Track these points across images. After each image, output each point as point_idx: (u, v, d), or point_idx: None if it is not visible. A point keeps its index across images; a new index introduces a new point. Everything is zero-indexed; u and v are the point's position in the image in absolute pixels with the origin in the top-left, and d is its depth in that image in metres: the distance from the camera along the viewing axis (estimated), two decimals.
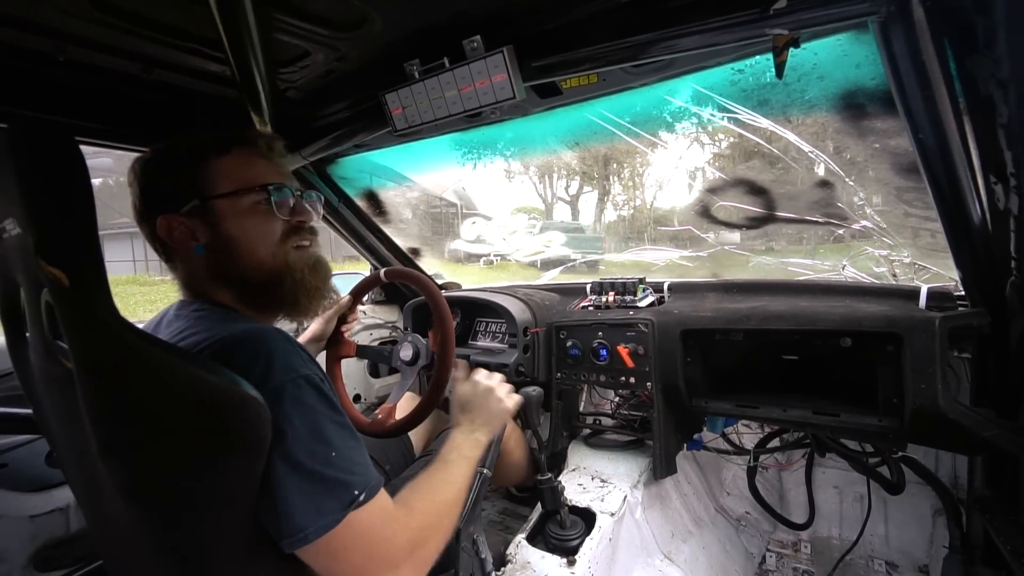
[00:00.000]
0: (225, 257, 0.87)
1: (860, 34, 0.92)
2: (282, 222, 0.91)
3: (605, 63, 0.98)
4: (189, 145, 0.88)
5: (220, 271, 0.88)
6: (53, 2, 0.88)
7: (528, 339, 1.79)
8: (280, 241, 0.90)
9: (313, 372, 0.74)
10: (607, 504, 1.44)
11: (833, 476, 1.91)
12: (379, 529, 0.73)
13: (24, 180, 0.58)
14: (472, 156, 1.97)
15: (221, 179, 0.87)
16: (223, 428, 0.62)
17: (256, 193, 0.88)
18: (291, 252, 0.92)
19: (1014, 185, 0.87)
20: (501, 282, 2.31)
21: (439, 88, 1.00)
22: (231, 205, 0.87)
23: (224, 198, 0.86)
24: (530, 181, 13.98)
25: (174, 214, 0.85)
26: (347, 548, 0.70)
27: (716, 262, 2.92)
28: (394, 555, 0.74)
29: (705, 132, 6.29)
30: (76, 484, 0.88)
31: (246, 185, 0.87)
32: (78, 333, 0.59)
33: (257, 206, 0.88)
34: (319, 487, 0.68)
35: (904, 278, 1.71)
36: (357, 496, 0.70)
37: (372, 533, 0.72)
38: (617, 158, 11.07)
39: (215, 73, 1.18)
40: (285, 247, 0.91)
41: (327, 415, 0.73)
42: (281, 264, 0.90)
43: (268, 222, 0.89)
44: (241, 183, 0.87)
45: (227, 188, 0.86)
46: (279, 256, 0.90)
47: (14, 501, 1.43)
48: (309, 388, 0.72)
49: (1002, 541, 1.08)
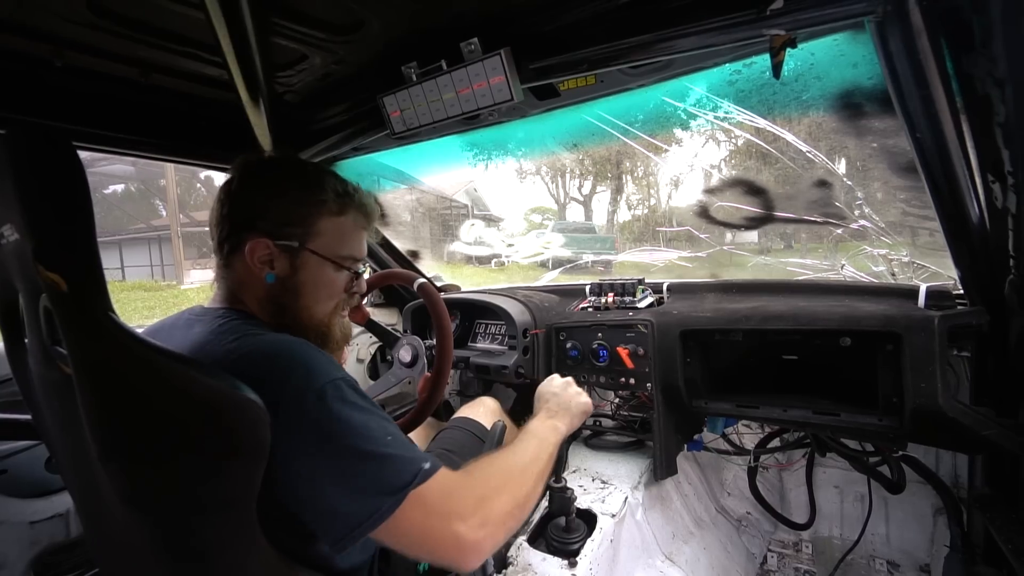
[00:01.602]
0: (288, 296, 0.91)
1: (857, 34, 0.93)
2: (344, 290, 0.97)
3: (602, 64, 0.98)
4: (314, 192, 0.91)
5: (277, 302, 0.91)
6: (51, 7, 0.88)
7: (528, 341, 1.78)
8: (335, 306, 0.97)
9: (345, 375, 0.77)
10: (608, 505, 1.43)
11: (834, 476, 1.91)
12: (445, 492, 0.74)
13: (22, 185, 0.58)
14: (483, 156, 1.97)
15: (326, 236, 0.92)
16: (223, 432, 0.62)
17: (346, 269, 0.95)
18: (336, 315, 0.98)
19: (1012, 183, 0.87)
20: (500, 283, 2.31)
21: (437, 91, 1.00)
22: (319, 261, 0.92)
23: (317, 255, 0.91)
24: (542, 181, 14.00)
25: (269, 239, 0.88)
26: (418, 515, 0.71)
27: (715, 262, 2.93)
28: (460, 508, 0.74)
29: (703, 133, 6.29)
30: (75, 490, 0.87)
31: (344, 255, 0.94)
32: (77, 338, 0.59)
33: (338, 273, 0.95)
34: (387, 466, 0.71)
35: (903, 277, 1.71)
36: (423, 466, 0.73)
37: (440, 497, 0.73)
38: (623, 160, 11.10)
39: (213, 77, 1.18)
40: (337, 312, 0.98)
41: (370, 408, 0.76)
42: (327, 324, 0.96)
43: (336, 287, 0.96)
44: (340, 251, 0.93)
45: (327, 248, 0.92)
46: (329, 317, 0.97)
47: (14, 507, 1.43)
48: (348, 388, 0.75)
49: (1003, 540, 1.08)
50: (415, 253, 2.30)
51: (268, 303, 0.91)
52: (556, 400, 1.19)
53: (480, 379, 2.00)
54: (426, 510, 0.72)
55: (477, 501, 0.77)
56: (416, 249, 2.30)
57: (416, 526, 0.72)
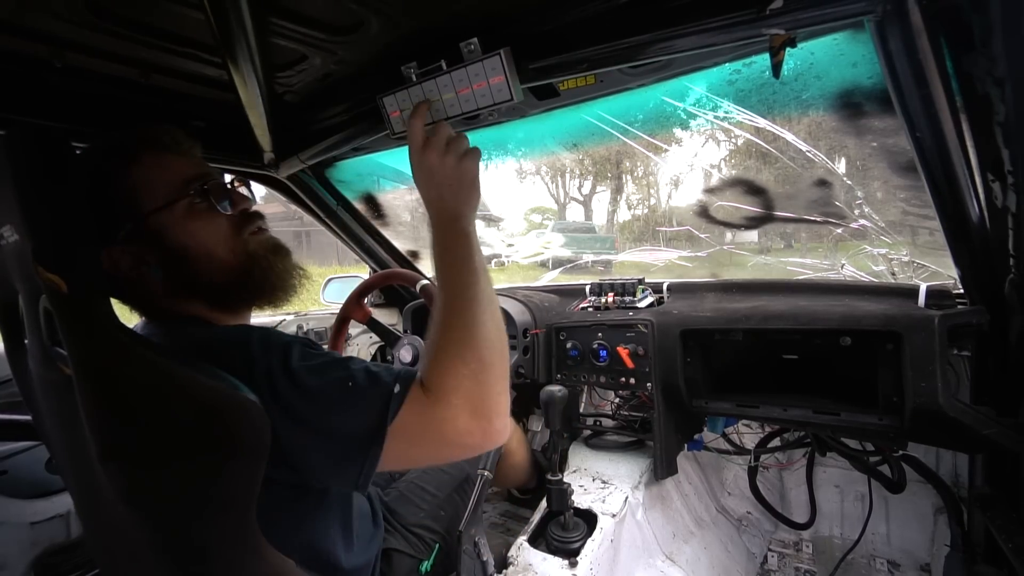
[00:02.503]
0: (184, 271, 0.81)
1: (856, 33, 0.93)
2: (226, 216, 0.85)
3: (602, 64, 0.98)
4: (93, 163, 0.80)
5: (183, 285, 0.82)
6: (50, 7, 0.88)
7: (528, 340, 1.78)
8: (232, 235, 0.85)
9: (287, 338, 0.74)
10: (608, 505, 1.43)
11: (834, 475, 1.91)
12: (423, 416, 0.71)
13: (22, 186, 0.58)
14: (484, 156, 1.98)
15: (145, 192, 0.79)
16: (223, 432, 0.62)
17: (187, 195, 0.81)
18: (249, 242, 0.87)
19: (1011, 183, 0.87)
20: (501, 283, 2.31)
21: (436, 91, 1.00)
22: (168, 216, 0.80)
23: (157, 212, 0.79)
24: (542, 181, 13.99)
25: (112, 245, 0.78)
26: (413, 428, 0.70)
27: (715, 262, 2.93)
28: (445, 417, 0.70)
29: (703, 133, 6.29)
30: (75, 490, 0.87)
31: (172, 190, 0.80)
32: (77, 339, 0.59)
33: (194, 207, 0.82)
34: (359, 405, 0.69)
35: (903, 276, 1.71)
36: (392, 386, 0.70)
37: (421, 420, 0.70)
38: (623, 159, 11.11)
39: (213, 78, 1.18)
40: (240, 240, 0.86)
41: (324, 358, 0.73)
42: (243, 257, 0.85)
43: (214, 221, 0.83)
44: (167, 190, 0.80)
45: (156, 201, 0.79)
46: (239, 249, 0.85)
47: (14, 508, 1.43)
48: (295, 349, 0.71)
49: (1003, 539, 1.08)
50: (415, 253, 2.31)
51: (181, 294, 0.83)
52: (445, 183, 0.86)
53: None
54: (410, 439, 0.70)
55: (471, 407, 0.71)
56: (416, 249, 2.30)
57: (414, 447, 0.70)
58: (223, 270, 0.83)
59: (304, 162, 1.49)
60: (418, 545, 1.11)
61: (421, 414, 0.70)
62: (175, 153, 0.85)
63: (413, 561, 1.09)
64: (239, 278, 0.85)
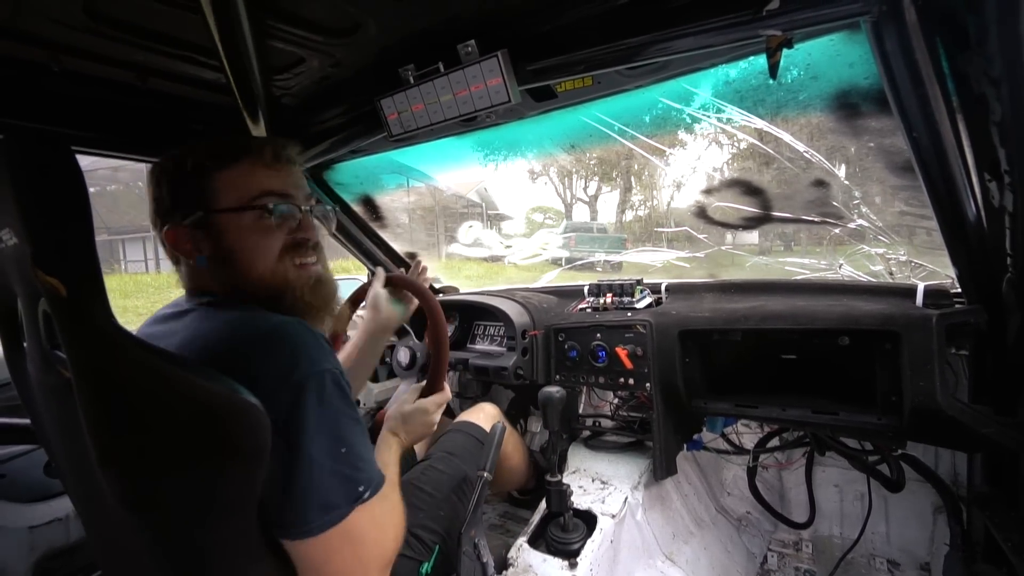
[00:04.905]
0: (226, 270, 0.87)
1: (853, 34, 0.93)
2: (282, 237, 0.90)
3: (599, 66, 0.98)
4: (195, 156, 0.87)
5: (223, 281, 0.88)
6: (47, 12, 0.88)
7: (526, 342, 1.78)
8: (279, 258, 0.89)
9: (335, 367, 0.76)
10: (608, 506, 1.43)
11: (833, 475, 1.91)
12: (375, 530, 0.76)
13: (21, 190, 0.58)
14: (492, 157, 1.98)
15: (225, 192, 0.86)
16: (223, 436, 0.62)
17: (256, 207, 0.87)
18: (290, 270, 0.91)
19: (1008, 182, 0.87)
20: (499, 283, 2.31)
21: (434, 93, 1.00)
22: (233, 219, 0.86)
23: (226, 212, 0.86)
24: (550, 182, 14.07)
25: (179, 224, 0.86)
26: (343, 546, 0.72)
27: (713, 262, 2.93)
28: (385, 556, 0.78)
29: (701, 134, 6.30)
30: (75, 494, 0.87)
31: (247, 199, 0.87)
32: (76, 342, 0.59)
33: (259, 220, 0.88)
34: (330, 482, 0.71)
35: (901, 276, 1.71)
36: (362, 493, 0.73)
37: (367, 533, 0.75)
38: (625, 161, 11.15)
39: (211, 81, 1.18)
40: (284, 264, 0.90)
41: (346, 412, 0.75)
42: (280, 281, 0.90)
43: (267, 237, 0.88)
44: (243, 197, 0.87)
45: (230, 202, 0.86)
46: (278, 273, 0.89)
47: (13, 512, 1.43)
48: (332, 384, 0.74)
49: (1003, 538, 1.09)
50: (413, 255, 2.30)
51: (221, 283, 0.89)
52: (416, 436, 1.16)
53: (479, 381, 1.99)
54: (354, 542, 0.73)
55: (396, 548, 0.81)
56: (414, 252, 2.30)
57: (339, 558, 0.73)
58: (259, 284, 0.88)
59: (301, 165, 1.49)
60: (418, 547, 1.11)
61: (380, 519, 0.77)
62: (270, 168, 0.90)
63: (413, 563, 1.09)
64: (269, 298, 0.89)
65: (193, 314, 0.85)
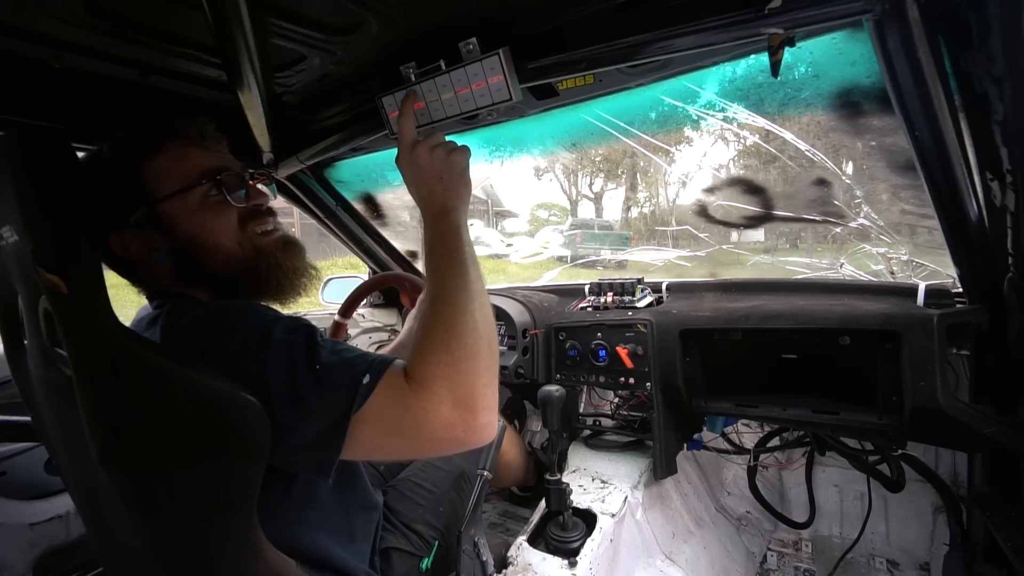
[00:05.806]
0: (192, 260, 0.83)
1: (855, 32, 0.93)
2: (237, 209, 0.87)
3: (601, 64, 0.98)
4: (118, 150, 0.84)
5: (191, 275, 0.84)
6: (48, 9, 0.87)
7: (527, 341, 1.78)
8: (240, 230, 0.86)
9: (277, 315, 0.74)
10: (608, 505, 1.44)
11: (833, 475, 1.91)
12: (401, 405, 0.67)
13: (22, 187, 0.58)
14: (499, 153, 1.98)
15: (161, 181, 0.82)
16: (223, 433, 0.62)
17: (201, 185, 0.83)
18: (256, 238, 0.88)
19: (1010, 182, 0.87)
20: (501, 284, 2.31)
21: (435, 91, 1.00)
22: (181, 204, 0.82)
23: (171, 199, 0.82)
24: (556, 178, 14.11)
25: (124, 228, 0.82)
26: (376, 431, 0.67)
27: (714, 261, 2.93)
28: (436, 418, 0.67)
29: (705, 131, 6.30)
30: (75, 491, 0.87)
31: (188, 180, 0.83)
32: (77, 340, 0.59)
33: (208, 198, 0.84)
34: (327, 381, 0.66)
35: (902, 276, 1.71)
36: (363, 380, 0.67)
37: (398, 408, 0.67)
38: (628, 159, 11.18)
39: (212, 78, 1.18)
40: (247, 234, 0.87)
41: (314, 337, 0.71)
42: (250, 251, 0.87)
43: (224, 212, 0.85)
44: (183, 179, 0.83)
45: (171, 188, 0.82)
46: (245, 244, 0.86)
47: (13, 509, 1.43)
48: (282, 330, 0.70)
49: (1003, 538, 1.08)
50: (414, 253, 2.30)
51: (189, 282, 0.85)
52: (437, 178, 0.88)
53: None
54: (385, 428, 0.67)
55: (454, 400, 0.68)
56: (415, 250, 2.30)
57: (390, 436, 0.67)
58: (230, 262, 0.85)
59: (303, 162, 1.50)
60: (418, 543, 1.11)
61: (400, 402, 0.67)
62: (199, 146, 0.88)
63: (413, 559, 1.09)
64: (246, 272, 0.86)
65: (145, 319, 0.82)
